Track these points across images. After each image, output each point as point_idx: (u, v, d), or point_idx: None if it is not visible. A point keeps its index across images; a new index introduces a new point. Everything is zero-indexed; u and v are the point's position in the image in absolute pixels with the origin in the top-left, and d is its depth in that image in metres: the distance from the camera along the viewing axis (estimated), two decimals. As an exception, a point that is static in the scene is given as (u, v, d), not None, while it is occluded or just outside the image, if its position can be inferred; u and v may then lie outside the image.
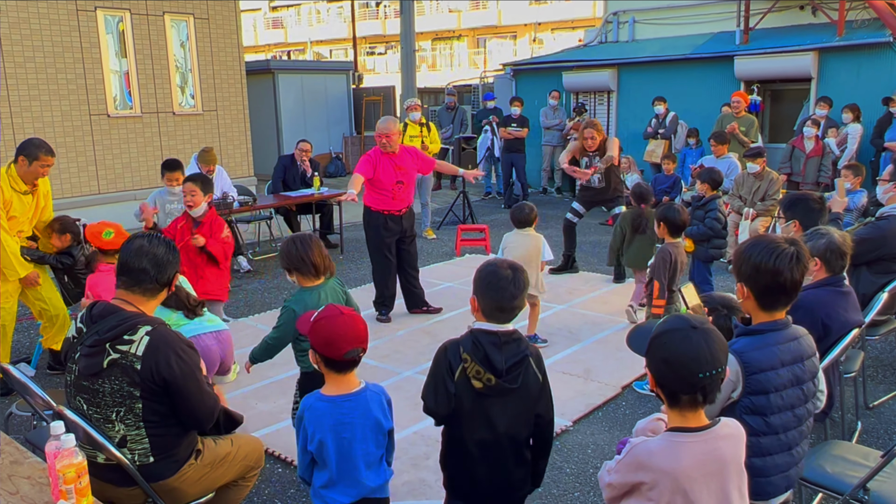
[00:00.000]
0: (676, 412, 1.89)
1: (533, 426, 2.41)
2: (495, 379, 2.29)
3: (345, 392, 2.36)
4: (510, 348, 2.33)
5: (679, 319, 1.93)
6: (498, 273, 2.34)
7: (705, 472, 1.84)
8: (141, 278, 2.56)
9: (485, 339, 2.32)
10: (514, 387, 2.32)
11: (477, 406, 2.33)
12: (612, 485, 1.95)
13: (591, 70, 12.39)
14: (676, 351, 1.85)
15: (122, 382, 2.43)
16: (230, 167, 10.80)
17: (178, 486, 2.59)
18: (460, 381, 2.32)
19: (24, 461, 2.32)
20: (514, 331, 2.37)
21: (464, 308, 6.33)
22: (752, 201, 7.26)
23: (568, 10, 30.64)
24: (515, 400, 2.34)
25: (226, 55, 11.46)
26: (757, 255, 2.33)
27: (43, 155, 4.71)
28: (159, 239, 2.68)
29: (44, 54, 9.31)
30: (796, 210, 3.98)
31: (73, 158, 9.74)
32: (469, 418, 2.35)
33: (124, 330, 2.45)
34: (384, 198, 5.82)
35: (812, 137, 8.44)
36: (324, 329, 2.32)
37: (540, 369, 2.40)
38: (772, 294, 2.34)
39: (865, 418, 4.14)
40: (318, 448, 2.33)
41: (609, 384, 4.70)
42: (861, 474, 2.59)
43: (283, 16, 41.73)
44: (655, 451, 1.86)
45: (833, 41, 9.97)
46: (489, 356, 2.30)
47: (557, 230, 8.32)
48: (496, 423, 2.34)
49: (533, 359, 2.38)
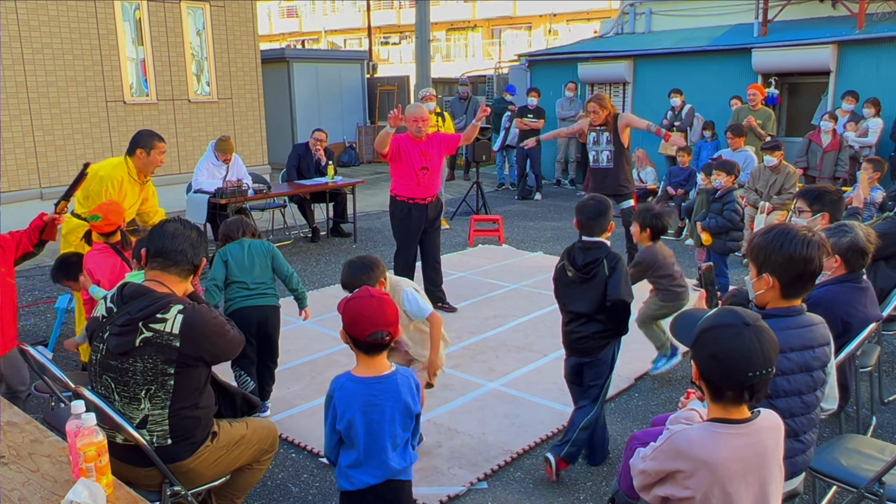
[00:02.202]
0: (720, 405, 1.85)
1: (606, 302, 3.35)
2: (574, 271, 3.39)
3: (375, 374, 2.39)
4: (591, 253, 3.40)
5: (732, 314, 1.87)
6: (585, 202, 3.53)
7: (745, 465, 1.81)
8: (178, 259, 2.65)
9: (577, 245, 3.47)
10: (588, 277, 3.38)
11: (568, 287, 3.47)
12: (647, 472, 1.93)
13: (607, 62, 12.32)
14: (727, 347, 1.79)
15: (157, 360, 2.48)
16: (244, 155, 10.82)
17: (195, 467, 2.62)
18: (559, 269, 3.51)
19: (44, 440, 2.35)
20: (597, 241, 3.42)
21: (476, 298, 6.34)
22: (768, 195, 7.21)
23: (584, 2, 30.42)
24: (591, 286, 3.38)
25: (241, 43, 11.48)
26: (789, 245, 2.32)
27: (157, 142, 4.84)
28: (190, 224, 2.78)
29: (61, 40, 9.36)
30: (824, 203, 3.93)
31: (90, 145, 9.80)
32: (563, 296, 3.53)
33: (157, 309, 2.50)
34: (408, 184, 5.69)
35: (829, 131, 8.36)
36: (351, 309, 2.37)
37: (610, 266, 3.35)
38: (801, 281, 2.34)
39: (880, 413, 4.12)
40: (347, 428, 2.36)
41: (622, 375, 4.68)
42: (876, 468, 2.58)
43: (297, 5, 41.67)
44: (695, 439, 1.83)
45: (853, 34, 9.85)
46: (574, 256, 3.44)
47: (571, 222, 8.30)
48: (578, 299, 3.43)
49: (607, 260, 3.37)
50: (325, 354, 5.04)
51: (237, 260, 4.01)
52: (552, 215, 10.29)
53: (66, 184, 9.34)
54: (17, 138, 9.12)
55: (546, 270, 7.27)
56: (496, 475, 3.57)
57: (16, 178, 9.18)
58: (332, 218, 9.04)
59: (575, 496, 3.39)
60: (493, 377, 4.69)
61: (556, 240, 8.67)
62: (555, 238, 8.77)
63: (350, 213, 8.89)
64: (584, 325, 3.45)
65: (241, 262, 4.01)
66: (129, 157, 4.86)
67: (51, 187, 9.39)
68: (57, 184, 9.46)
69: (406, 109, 5.77)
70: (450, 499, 3.34)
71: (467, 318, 5.84)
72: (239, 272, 3.99)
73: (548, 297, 6.32)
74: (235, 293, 3.98)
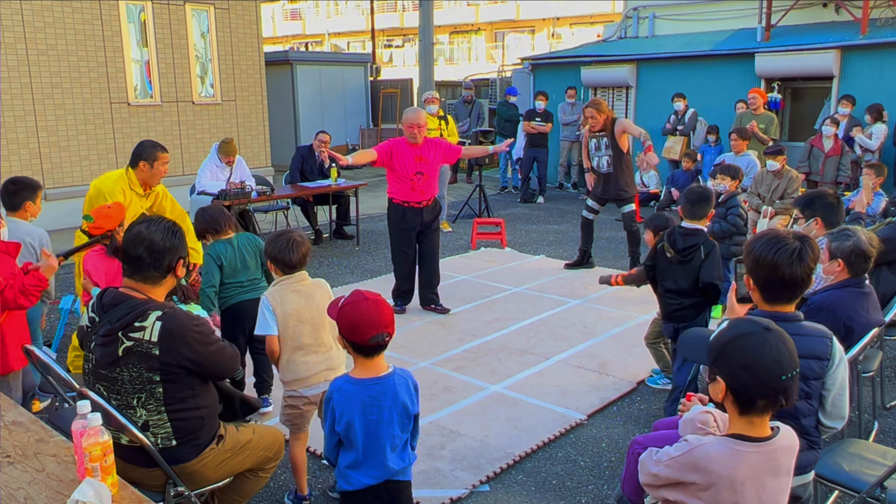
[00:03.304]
0: (745, 419, 1.83)
1: (699, 283, 3.87)
2: (674, 252, 3.91)
3: (373, 375, 2.40)
4: (690, 238, 3.90)
5: (748, 322, 1.86)
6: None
7: (759, 482, 1.81)
8: (138, 266, 2.53)
9: (678, 230, 3.98)
10: (686, 260, 3.89)
11: (668, 267, 3.99)
12: (659, 476, 1.93)
13: (610, 65, 12.33)
14: (757, 355, 1.77)
15: (141, 369, 2.46)
16: (248, 157, 10.84)
17: (199, 469, 2.62)
18: (659, 249, 4.01)
19: (49, 439, 2.36)
20: (696, 228, 3.93)
21: (478, 301, 6.35)
22: (771, 199, 7.21)
23: (587, 6, 30.41)
24: (688, 268, 3.89)
25: (245, 45, 11.51)
26: (758, 248, 2.35)
27: (160, 153, 4.74)
28: (160, 223, 2.60)
29: (66, 42, 9.39)
30: (815, 207, 3.95)
31: (94, 146, 9.83)
32: (661, 273, 4.03)
33: (135, 317, 2.45)
34: (403, 188, 5.73)
35: (831, 136, 8.37)
36: (349, 314, 2.36)
37: (706, 252, 3.84)
38: (771, 287, 2.35)
39: (882, 418, 4.12)
40: (346, 429, 2.37)
41: (624, 379, 4.70)
42: (878, 472, 2.58)
43: (301, 7, 41.74)
44: (715, 457, 1.81)
45: (856, 39, 9.86)
46: (674, 239, 3.93)
47: (574, 225, 8.34)
48: (676, 277, 3.96)
49: (704, 246, 3.85)
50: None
51: (230, 262, 3.97)
52: (555, 219, 10.29)
53: (69, 185, 9.45)
54: (21, 139, 9.15)
55: (548, 273, 7.29)
56: (498, 478, 3.57)
57: (20, 179, 9.20)
58: (334, 220, 9.06)
59: (577, 499, 3.39)
60: (496, 380, 4.70)
61: (558, 243, 8.68)
62: (557, 242, 8.77)
63: (353, 215, 8.91)
64: (679, 299, 3.96)
65: (234, 264, 3.98)
66: (131, 169, 4.78)
67: (55, 188, 9.42)
68: (61, 185, 9.49)
69: (404, 114, 5.80)
70: (452, 501, 3.35)
71: (469, 320, 5.85)
72: (232, 274, 3.98)
73: (550, 300, 6.36)
74: (229, 291, 4.00)
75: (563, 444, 3.90)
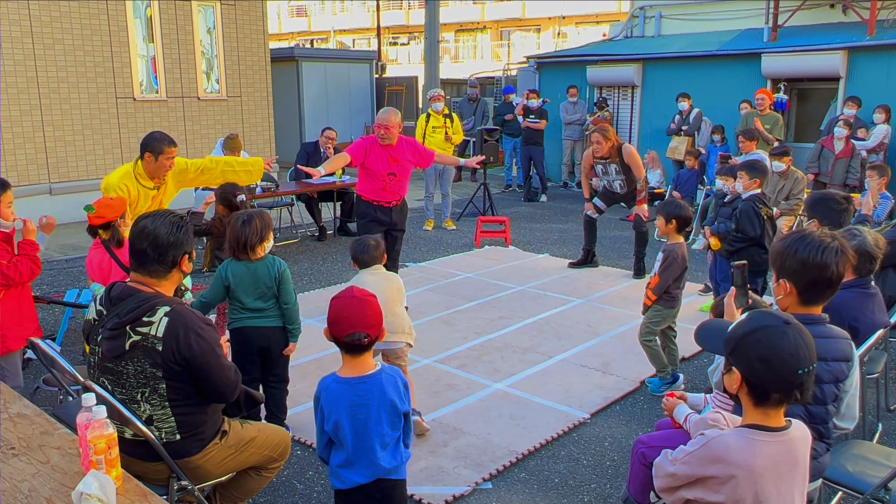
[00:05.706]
0: (760, 410, 1.83)
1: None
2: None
3: (360, 374, 2.40)
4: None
5: (768, 315, 1.86)
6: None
7: (777, 473, 1.81)
8: (142, 260, 2.53)
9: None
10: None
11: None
12: (677, 475, 1.92)
13: (616, 65, 12.31)
14: (775, 348, 1.77)
15: (145, 364, 2.46)
16: (253, 153, 10.84)
17: (203, 464, 2.63)
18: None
19: (54, 432, 2.37)
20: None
21: (482, 299, 6.35)
22: (777, 200, 7.19)
23: (593, 5, 30.39)
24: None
25: (251, 42, 11.52)
26: (804, 250, 2.33)
27: (166, 147, 4.63)
28: (165, 217, 2.57)
29: (72, 37, 9.41)
30: (816, 209, 3.94)
31: (99, 141, 9.85)
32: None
33: (143, 311, 2.45)
34: (374, 187, 5.69)
35: (842, 138, 8.33)
36: (333, 308, 2.40)
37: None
38: (816, 288, 2.35)
39: (886, 420, 4.11)
40: (335, 428, 2.38)
41: (627, 378, 4.70)
42: (882, 474, 2.58)
43: (306, 4, 41.75)
44: (732, 446, 1.81)
45: (863, 40, 9.83)
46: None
47: (578, 224, 8.30)
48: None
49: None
50: (331, 352, 5.04)
51: (239, 280, 3.58)
52: (559, 217, 10.29)
53: (75, 179, 9.46)
54: (27, 133, 9.17)
55: (552, 272, 7.29)
56: (501, 476, 3.57)
57: (25, 173, 9.23)
58: (339, 217, 9.06)
59: (579, 498, 3.39)
60: (499, 378, 4.70)
61: (562, 242, 8.67)
62: (561, 240, 8.77)
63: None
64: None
65: (244, 284, 3.59)
66: (139, 161, 4.73)
67: (60, 182, 9.44)
68: (66, 179, 9.51)
69: (378, 114, 5.79)
70: (455, 499, 3.35)
71: (473, 318, 5.85)
72: (239, 291, 3.60)
73: (554, 298, 6.36)
74: (236, 314, 3.65)
75: (566, 443, 3.90)
